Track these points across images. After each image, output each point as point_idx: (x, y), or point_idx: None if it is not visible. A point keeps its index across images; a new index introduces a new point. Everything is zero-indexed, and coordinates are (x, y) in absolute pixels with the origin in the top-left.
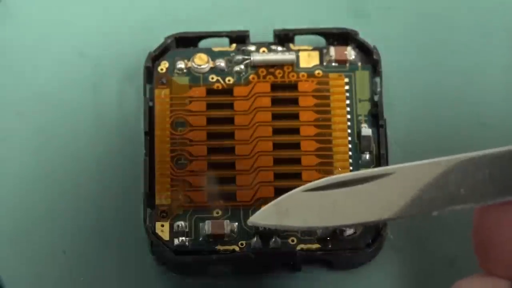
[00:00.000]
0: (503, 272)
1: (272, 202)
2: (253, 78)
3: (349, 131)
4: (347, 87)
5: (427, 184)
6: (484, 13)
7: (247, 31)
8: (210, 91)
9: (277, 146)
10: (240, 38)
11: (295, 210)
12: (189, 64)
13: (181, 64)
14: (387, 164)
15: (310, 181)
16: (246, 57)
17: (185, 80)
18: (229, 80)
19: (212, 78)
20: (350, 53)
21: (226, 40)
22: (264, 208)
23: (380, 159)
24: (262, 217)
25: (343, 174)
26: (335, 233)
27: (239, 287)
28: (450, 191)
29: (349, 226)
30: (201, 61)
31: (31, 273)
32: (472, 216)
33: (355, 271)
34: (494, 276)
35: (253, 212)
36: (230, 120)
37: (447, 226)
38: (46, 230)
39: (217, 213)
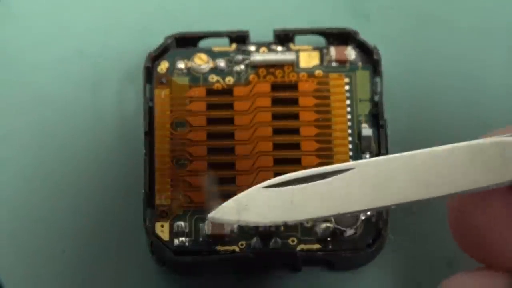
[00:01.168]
0: (504, 265)
1: (232, 199)
2: (253, 78)
3: (349, 131)
4: (347, 87)
5: (385, 178)
6: (484, 13)
7: (247, 31)
8: (210, 91)
9: (277, 146)
10: (240, 38)
11: (254, 206)
12: (189, 64)
13: (181, 64)
14: None
15: None
16: (246, 57)
17: (185, 80)
18: (229, 80)
19: (212, 78)
20: (350, 53)
21: (226, 40)
22: (223, 204)
23: None
24: (222, 213)
25: (301, 170)
26: (336, 233)
27: (239, 287)
28: (408, 185)
29: (308, 221)
30: (201, 61)
31: (30, 272)
32: None
33: (355, 272)
34: (491, 269)
35: None
36: (230, 120)
37: (447, 227)
38: (46, 229)
39: None
